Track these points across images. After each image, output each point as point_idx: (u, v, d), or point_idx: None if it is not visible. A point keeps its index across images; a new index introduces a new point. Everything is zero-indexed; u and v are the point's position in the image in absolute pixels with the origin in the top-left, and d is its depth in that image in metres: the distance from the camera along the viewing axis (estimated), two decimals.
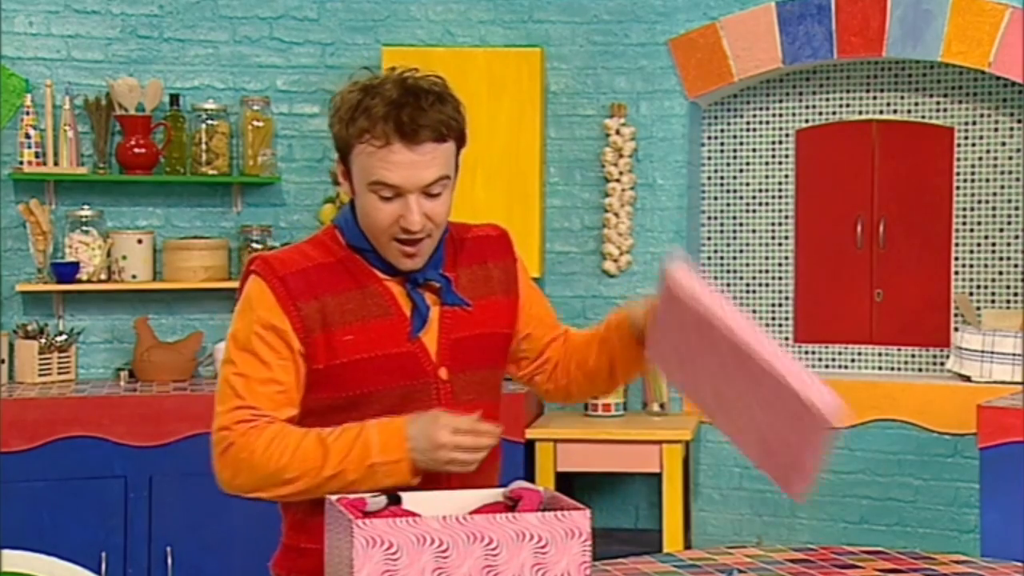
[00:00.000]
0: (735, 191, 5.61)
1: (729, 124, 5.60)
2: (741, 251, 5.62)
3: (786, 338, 5.57)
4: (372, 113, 2.26)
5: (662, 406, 5.35)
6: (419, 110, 2.26)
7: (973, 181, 5.28)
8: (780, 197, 5.56)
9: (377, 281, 2.37)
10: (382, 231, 2.31)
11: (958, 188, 5.31)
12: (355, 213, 2.37)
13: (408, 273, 2.36)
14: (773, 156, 5.56)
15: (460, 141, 2.35)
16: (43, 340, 5.05)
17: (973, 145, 5.27)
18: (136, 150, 5.13)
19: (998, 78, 5.09)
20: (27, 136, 5.04)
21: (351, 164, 2.32)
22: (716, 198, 5.63)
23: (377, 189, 2.28)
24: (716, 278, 5.64)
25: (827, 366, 5.52)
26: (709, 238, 5.64)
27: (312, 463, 2.25)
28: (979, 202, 5.28)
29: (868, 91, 5.42)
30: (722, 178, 5.62)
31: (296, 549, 2.40)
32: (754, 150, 5.58)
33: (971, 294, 5.28)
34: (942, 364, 5.26)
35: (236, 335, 2.33)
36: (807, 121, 5.51)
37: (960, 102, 5.28)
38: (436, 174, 2.29)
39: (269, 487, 2.28)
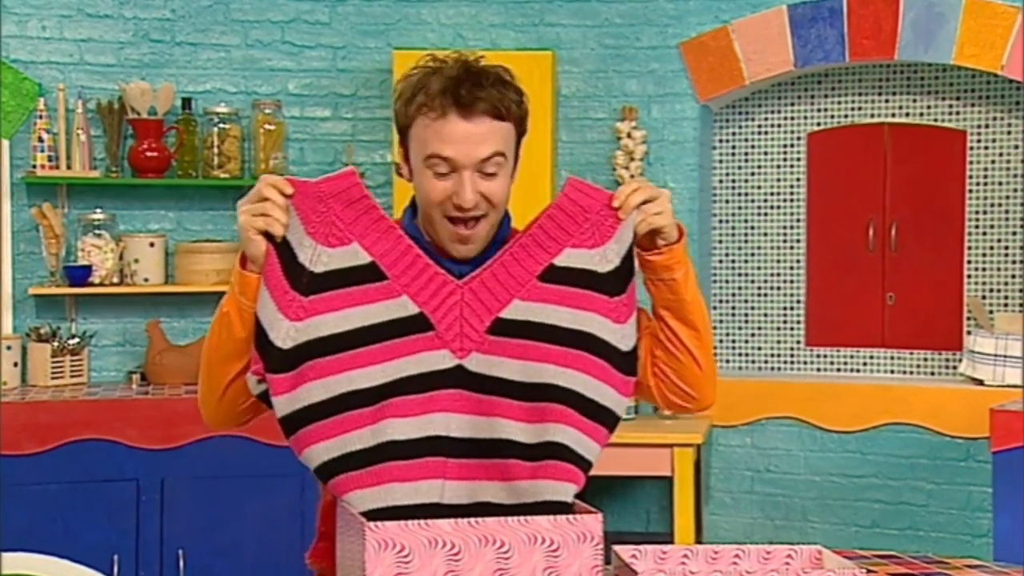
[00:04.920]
0: (746, 194, 5.60)
1: (741, 127, 5.60)
2: (752, 254, 5.61)
3: (798, 342, 5.56)
4: (431, 89, 2.24)
5: None
6: (478, 86, 2.24)
7: (985, 184, 5.27)
8: (792, 200, 5.55)
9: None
10: (435, 206, 2.26)
11: (970, 191, 5.29)
12: (415, 207, 2.33)
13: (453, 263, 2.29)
14: (785, 159, 5.56)
15: (520, 126, 2.30)
16: (55, 343, 5.07)
17: (985, 148, 5.26)
18: (148, 153, 5.15)
19: (1010, 81, 5.08)
20: (40, 140, 5.05)
21: (409, 143, 2.29)
22: (727, 201, 5.63)
23: (432, 164, 2.25)
24: (727, 282, 5.64)
25: (839, 370, 5.51)
26: (720, 241, 5.64)
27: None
28: (991, 205, 5.27)
29: (880, 94, 5.41)
30: (733, 181, 5.62)
31: (324, 535, 2.38)
32: (765, 153, 5.58)
33: (983, 297, 5.27)
34: (954, 368, 5.25)
35: None
36: (819, 124, 5.51)
37: (972, 105, 5.27)
38: (491, 149, 2.24)
39: (200, 373, 2.31)
